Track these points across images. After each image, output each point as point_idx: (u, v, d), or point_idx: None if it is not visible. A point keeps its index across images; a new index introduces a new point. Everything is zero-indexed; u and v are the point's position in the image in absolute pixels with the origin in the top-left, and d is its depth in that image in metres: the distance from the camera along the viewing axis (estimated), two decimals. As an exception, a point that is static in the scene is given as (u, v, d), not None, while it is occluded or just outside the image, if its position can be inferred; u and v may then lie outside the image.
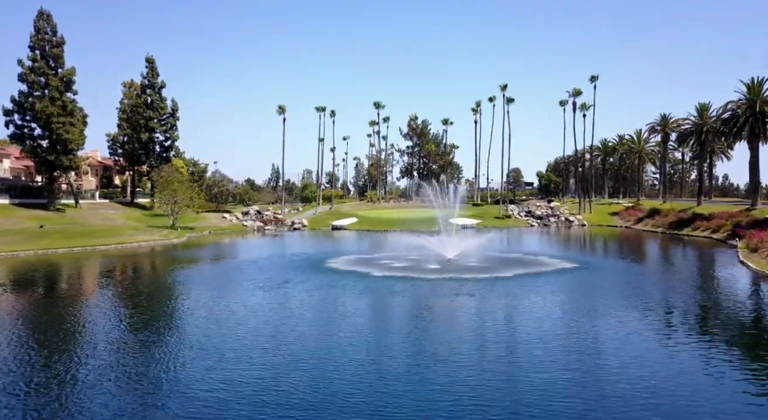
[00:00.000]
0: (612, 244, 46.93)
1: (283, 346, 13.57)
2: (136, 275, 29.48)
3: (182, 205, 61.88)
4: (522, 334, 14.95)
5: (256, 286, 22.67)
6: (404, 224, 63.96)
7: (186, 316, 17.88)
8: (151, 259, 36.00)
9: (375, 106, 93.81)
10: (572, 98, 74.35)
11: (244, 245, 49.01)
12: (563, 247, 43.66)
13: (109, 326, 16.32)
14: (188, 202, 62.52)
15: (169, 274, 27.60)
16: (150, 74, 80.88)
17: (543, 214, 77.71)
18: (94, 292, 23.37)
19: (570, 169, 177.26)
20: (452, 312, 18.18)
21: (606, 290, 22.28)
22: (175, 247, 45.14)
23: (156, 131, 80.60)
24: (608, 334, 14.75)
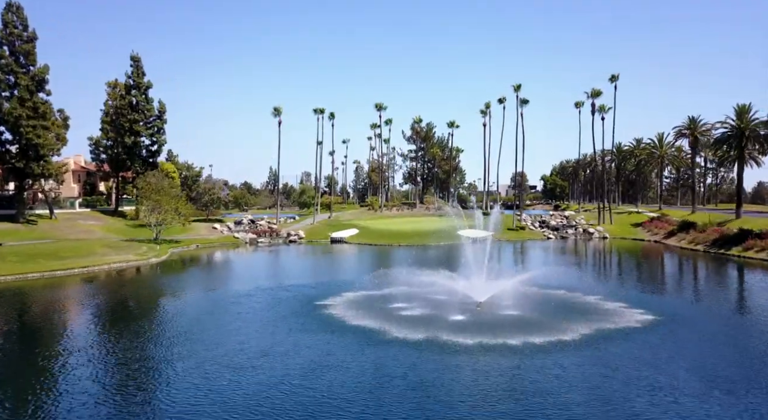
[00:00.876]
0: (657, 268, 40.16)
1: None
2: (65, 324, 22.05)
3: (166, 217, 56.30)
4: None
5: (218, 364, 15.40)
6: (409, 237, 58.45)
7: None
8: (111, 293, 29.89)
9: (376, 108, 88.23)
10: (590, 99, 68.88)
11: (230, 267, 43.28)
12: (603, 274, 36.78)
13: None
14: (173, 213, 56.91)
15: (112, 326, 21.31)
16: (135, 73, 75.28)
17: (558, 224, 72.10)
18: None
19: (578, 174, 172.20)
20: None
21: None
22: (152, 269, 39.43)
23: (141, 135, 74.92)
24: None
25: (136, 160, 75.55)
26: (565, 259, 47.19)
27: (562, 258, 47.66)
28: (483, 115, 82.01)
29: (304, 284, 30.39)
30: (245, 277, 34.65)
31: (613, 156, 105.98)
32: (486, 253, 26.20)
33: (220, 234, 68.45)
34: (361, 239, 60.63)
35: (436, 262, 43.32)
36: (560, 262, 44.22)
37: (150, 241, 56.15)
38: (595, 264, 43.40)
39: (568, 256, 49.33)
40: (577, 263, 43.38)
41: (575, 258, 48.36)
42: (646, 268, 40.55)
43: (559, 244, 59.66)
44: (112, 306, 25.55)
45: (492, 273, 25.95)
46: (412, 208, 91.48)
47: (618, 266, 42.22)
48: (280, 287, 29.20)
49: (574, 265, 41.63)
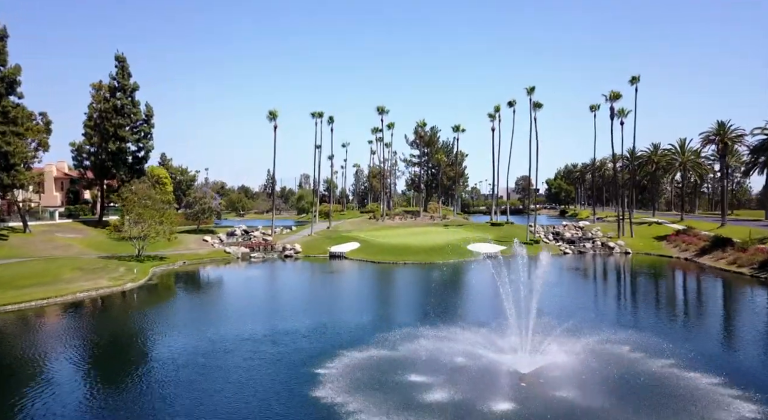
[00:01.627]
0: (712, 299, 34.11)
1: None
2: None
3: (149, 232, 51.34)
4: None
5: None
6: (415, 253, 53.46)
7: None
8: (65, 335, 24.84)
9: (378, 111, 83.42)
10: (609, 102, 63.96)
11: (213, 296, 38.13)
12: (659, 313, 29.66)
13: None
14: (157, 228, 51.95)
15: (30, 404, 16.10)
16: (120, 75, 70.39)
17: (574, 236, 67.17)
18: None
19: (585, 178, 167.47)
20: None
21: None
22: (122, 298, 34.43)
23: (127, 140, 70.00)
24: None
25: (121, 167, 70.64)
26: (596, 285, 41.99)
27: (591, 283, 42.57)
28: (491, 119, 77.19)
29: (295, 329, 25.30)
30: (226, 314, 29.61)
31: (626, 161, 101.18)
32: (505, 277, 20.84)
33: (211, 247, 63.47)
34: (362, 255, 55.65)
35: (448, 287, 38.38)
36: (593, 291, 39.07)
37: (132, 257, 51.26)
38: (636, 293, 37.47)
39: (598, 280, 44.05)
40: (615, 293, 37.64)
41: (606, 283, 43.22)
42: (705, 301, 33.55)
43: (578, 261, 54.72)
44: (66, 361, 20.56)
45: (523, 313, 20.80)
46: (415, 216, 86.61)
47: (667, 298, 35.81)
48: (265, 335, 23.99)
49: (613, 296, 36.23)
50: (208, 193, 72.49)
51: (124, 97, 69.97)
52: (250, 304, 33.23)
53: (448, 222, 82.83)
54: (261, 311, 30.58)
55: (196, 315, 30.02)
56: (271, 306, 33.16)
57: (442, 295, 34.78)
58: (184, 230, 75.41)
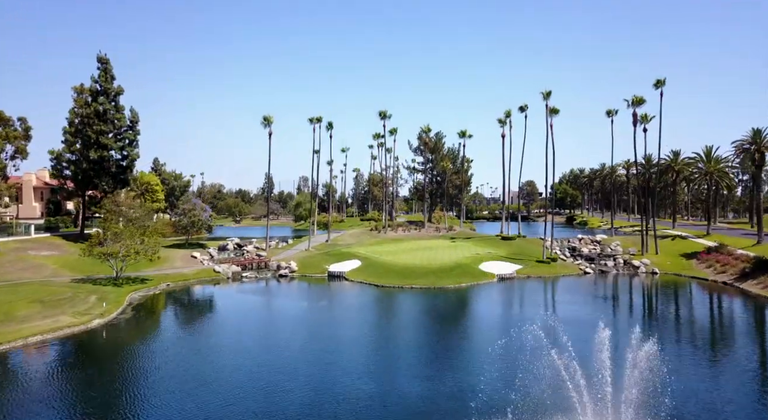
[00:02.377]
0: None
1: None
2: None
3: (129, 252, 46.27)
4: None
5: None
6: (422, 275, 48.35)
7: None
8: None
9: (380, 116, 78.41)
10: (632, 108, 59.00)
11: (191, 335, 32.96)
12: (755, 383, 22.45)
13: None
14: (137, 247, 46.88)
15: None
16: (102, 77, 65.39)
17: (592, 253, 62.19)
18: None
19: (593, 184, 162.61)
20: None
21: None
22: (82, 343, 29.28)
23: (110, 148, 64.94)
24: None
25: (104, 177, 65.58)
26: (639, 322, 36.59)
27: (631, 316, 37.31)
28: (502, 125, 72.19)
29: (284, 390, 20.20)
30: (201, 366, 24.45)
31: (641, 168, 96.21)
32: (533, 310, 15.69)
33: (199, 266, 58.38)
34: (364, 276, 50.56)
35: (466, 323, 32.98)
36: (636, 331, 33.53)
37: (110, 280, 46.22)
38: (696, 334, 31.02)
39: (636, 311, 38.51)
40: (676, 336, 30.53)
41: (649, 316, 37.85)
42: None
43: (604, 283, 49.71)
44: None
45: (574, 376, 15.64)
46: (419, 228, 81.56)
47: (725, 341, 29.64)
48: (247, 409, 18.98)
49: (673, 339, 29.96)
50: (198, 205, 67.42)
51: (107, 102, 64.95)
52: (231, 343, 28.12)
53: (454, 234, 77.79)
54: (243, 361, 25.36)
55: (164, 367, 24.86)
56: (256, 349, 27.92)
57: (457, 326, 29.67)
58: (172, 244, 70.38)
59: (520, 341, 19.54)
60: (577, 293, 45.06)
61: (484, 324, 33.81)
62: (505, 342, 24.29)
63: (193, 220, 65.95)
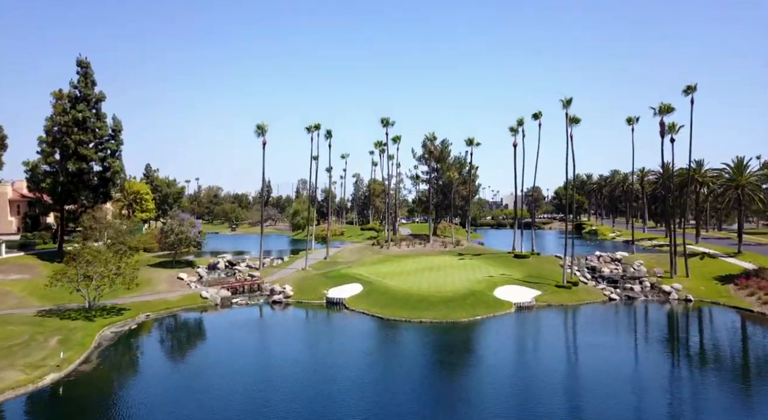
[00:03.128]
0: None
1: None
2: None
3: (102, 283, 41.12)
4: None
5: None
6: (432, 306, 43.18)
7: None
8: None
9: (382, 124, 73.36)
10: (659, 116, 53.97)
11: (167, 386, 27.78)
12: None
13: None
14: (113, 276, 41.73)
15: None
16: (83, 82, 60.36)
17: (614, 274, 57.11)
18: None
19: (602, 192, 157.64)
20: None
21: None
22: (25, 412, 24.09)
23: (90, 160, 59.86)
24: None
25: (83, 191, 60.45)
26: (701, 372, 31.14)
27: (691, 369, 32.04)
28: (513, 133, 67.06)
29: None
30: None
31: (657, 176, 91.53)
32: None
33: (186, 289, 53.21)
34: (366, 305, 45.39)
35: (486, 373, 27.24)
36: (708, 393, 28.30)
37: (81, 311, 41.12)
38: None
39: (691, 360, 32.98)
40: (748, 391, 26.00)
41: (703, 362, 32.66)
42: None
43: (634, 314, 44.63)
44: None
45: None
46: (424, 242, 76.41)
47: None
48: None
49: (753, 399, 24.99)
50: (187, 221, 62.13)
51: (87, 109, 59.89)
52: (221, 409, 22.92)
53: (462, 249, 72.63)
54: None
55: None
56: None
57: (481, 385, 24.48)
58: (158, 261, 65.19)
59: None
60: (608, 328, 39.97)
61: (510, 378, 28.58)
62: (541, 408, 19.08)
63: (180, 237, 60.73)
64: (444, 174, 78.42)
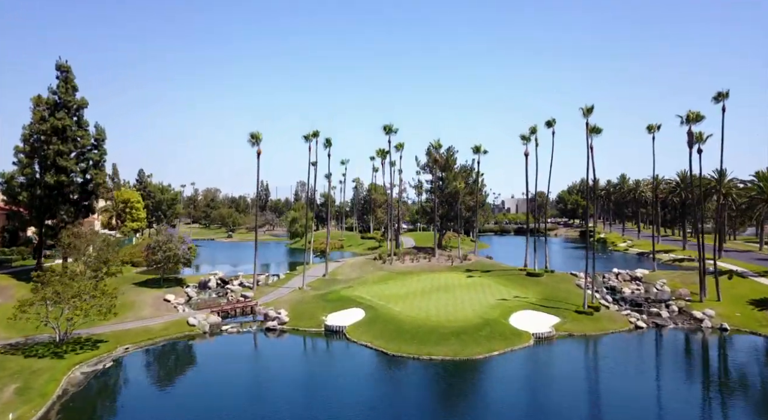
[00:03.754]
0: None
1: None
2: None
3: (73, 314, 36.76)
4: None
5: None
6: (443, 339, 38.80)
7: None
8: None
9: (385, 131, 69.02)
10: (687, 125, 49.70)
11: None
12: None
13: None
14: (86, 306, 37.35)
15: None
16: (62, 88, 56.00)
17: (636, 295, 52.88)
18: None
19: (611, 198, 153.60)
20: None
21: None
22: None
23: (70, 172, 55.49)
24: None
25: (62, 205, 56.06)
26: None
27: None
28: (525, 142, 62.74)
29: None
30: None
31: (676, 186, 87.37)
32: None
33: (172, 313, 48.89)
34: (369, 335, 41.05)
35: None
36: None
37: (52, 345, 36.81)
38: None
39: (750, 405, 29.01)
40: None
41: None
42: None
43: (667, 346, 40.38)
44: None
45: None
46: (429, 256, 72.05)
47: None
48: None
49: None
50: (175, 237, 57.74)
51: (67, 117, 55.52)
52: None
53: (470, 264, 68.32)
54: None
55: None
56: None
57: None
58: (145, 279, 60.83)
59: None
60: (642, 365, 35.65)
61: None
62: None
63: (168, 254, 56.35)
64: (450, 184, 74.11)
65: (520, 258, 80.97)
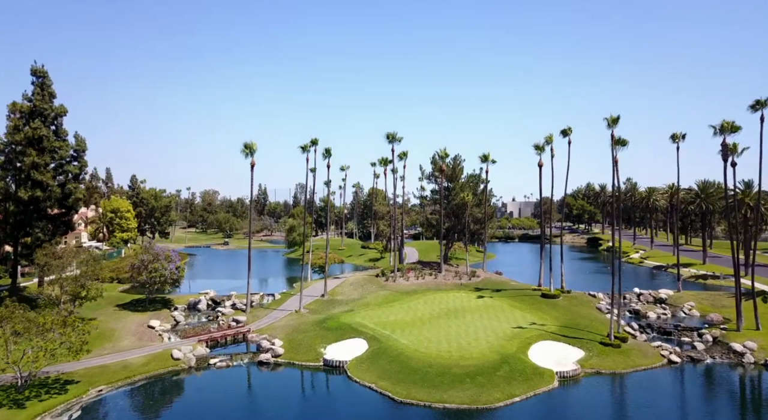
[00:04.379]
0: None
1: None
2: None
3: (37, 356, 32.31)
4: None
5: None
6: (457, 381, 34.41)
7: None
8: None
9: (388, 139, 64.67)
10: (721, 135, 45.36)
11: None
12: None
13: None
14: (52, 347, 32.93)
15: None
16: (38, 95, 51.67)
17: (664, 322, 48.52)
18: None
19: (619, 204, 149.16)
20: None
21: None
22: None
23: (46, 186, 51.09)
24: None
25: (38, 222, 51.65)
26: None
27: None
28: (539, 152, 58.37)
29: None
30: None
31: (695, 195, 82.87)
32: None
33: (156, 343, 44.42)
34: (373, 374, 36.63)
35: None
36: None
37: (12, 391, 32.40)
38: None
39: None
40: None
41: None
42: None
43: (709, 386, 36.00)
44: None
45: None
46: (434, 272, 67.62)
47: None
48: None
49: None
50: (161, 256, 53.29)
51: (44, 126, 51.15)
52: None
53: (479, 282, 63.92)
54: None
55: None
56: None
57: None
58: (129, 300, 56.47)
59: None
60: (685, 413, 31.23)
61: None
62: None
63: (153, 275, 51.90)
64: (457, 195, 69.70)
65: (530, 271, 76.70)
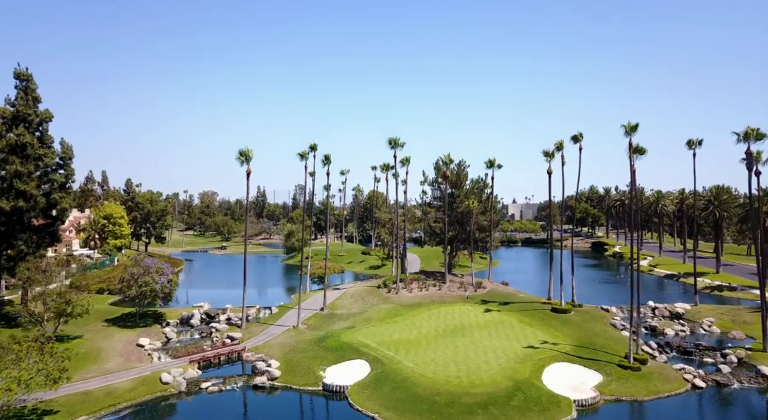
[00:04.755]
0: None
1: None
2: None
3: (12, 385, 29.56)
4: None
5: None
6: (468, 413, 31.56)
7: None
8: None
9: (390, 145, 62.06)
10: (745, 142, 42.70)
11: None
12: None
13: None
14: (24, 375, 30.22)
15: None
16: (21, 99, 48.96)
17: (683, 339, 45.88)
18: None
19: (624, 209, 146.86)
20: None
21: None
22: None
23: (30, 196, 48.36)
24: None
25: (21, 234, 48.92)
26: None
27: None
28: (549, 159, 55.69)
29: None
30: None
31: (710, 201, 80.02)
32: None
33: (145, 364, 41.70)
34: (376, 402, 33.96)
35: None
36: None
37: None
38: None
39: None
40: None
41: None
42: None
43: (741, 417, 33.23)
44: None
45: None
46: (438, 283, 64.91)
47: None
48: None
49: None
50: (153, 268, 50.57)
51: (27, 133, 48.44)
52: None
53: (485, 294, 61.25)
54: None
55: None
56: None
57: None
58: (119, 314, 53.81)
59: None
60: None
61: None
62: None
63: (144, 290, 49.20)
64: (461, 202, 67.02)
65: (537, 280, 73.96)
